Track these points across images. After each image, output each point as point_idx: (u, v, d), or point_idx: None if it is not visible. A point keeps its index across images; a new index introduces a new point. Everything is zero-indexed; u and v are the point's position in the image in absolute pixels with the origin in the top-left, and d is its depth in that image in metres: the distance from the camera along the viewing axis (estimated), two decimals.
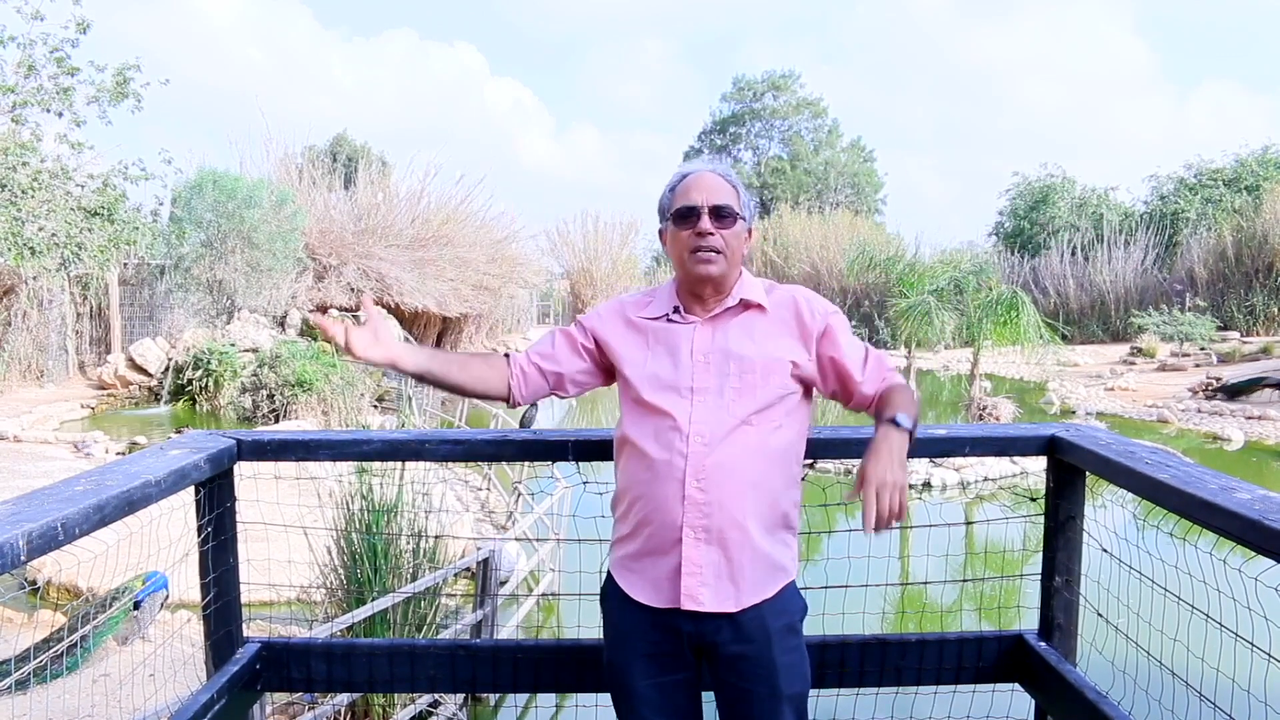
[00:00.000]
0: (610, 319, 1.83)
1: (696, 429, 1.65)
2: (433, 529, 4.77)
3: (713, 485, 1.63)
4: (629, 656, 1.72)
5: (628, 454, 1.74)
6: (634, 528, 1.71)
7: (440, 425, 12.21)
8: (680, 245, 1.73)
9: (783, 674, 1.66)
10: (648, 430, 1.69)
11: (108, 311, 16.45)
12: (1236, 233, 26.18)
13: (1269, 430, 12.96)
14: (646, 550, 1.69)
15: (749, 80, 46.22)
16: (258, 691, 2.08)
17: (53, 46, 11.22)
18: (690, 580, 1.65)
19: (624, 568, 1.74)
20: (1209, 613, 1.62)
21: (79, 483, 1.49)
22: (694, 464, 1.64)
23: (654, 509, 1.67)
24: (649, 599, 1.69)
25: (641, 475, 1.69)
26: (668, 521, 1.65)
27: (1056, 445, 1.95)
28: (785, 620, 1.70)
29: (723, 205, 1.71)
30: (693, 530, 1.64)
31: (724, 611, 1.65)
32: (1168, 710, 1.78)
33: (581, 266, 33.49)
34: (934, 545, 2.44)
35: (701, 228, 1.70)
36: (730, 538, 1.64)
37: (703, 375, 1.69)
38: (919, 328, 11.83)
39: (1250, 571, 1.54)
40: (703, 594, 1.65)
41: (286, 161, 23.21)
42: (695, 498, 1.64)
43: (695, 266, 1.71)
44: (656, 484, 1.66)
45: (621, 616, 1.74)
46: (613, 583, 1.77)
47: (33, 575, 5.82)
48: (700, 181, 1.74)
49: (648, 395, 1.70)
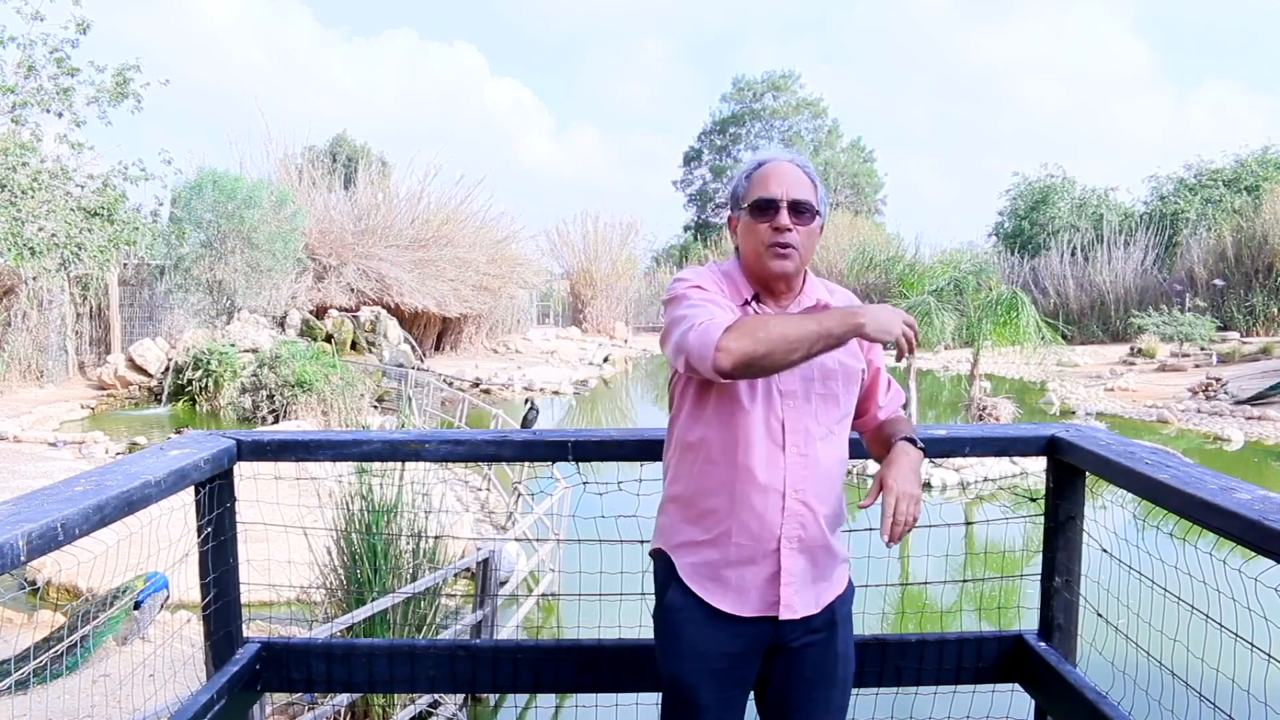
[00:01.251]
0: (715, 292, 1.64)
1: (792, 439, 1.60)
2: (433, 529, 4.77)
3: (811, 497, 1.61)
4: (700, 670, 1.63)
5: (705, 456, 1.63)
6: (716, 535, 1.62)
7: (440, 425, 12.21)
8: (756, 238, 1.64)
9: (840, 660, 1.70)
10: (737, 434, 1.59)
11: (108, 312, 16.45)
12: (1236, 233, 26.19)
13: (1269, 430, 12.96)
14: (734, 559, 1.62)
15: (749, 80, 46.27)
16: (258, 692, 2.08)
17: (53, 47, 11.23)
18: (787, 590, 1.61)
19: (703, 574, 1.64)
20: (1209, 613, 1.62)
21: (79, 483, 1.49)
22: (794, 475, 1.60)
23: (748, 518, 1.59)
24: (734, 608, 1.62)
25: (727, 481, 1.60)
26: (764, 532, 1.60)
27: (1056, 445, 1.95)
28: (846, 609, 1.73)
29: (803, 201, 1.62)
30: (789, 541, 1.60)
31: (809, 615, 1.65)
32: (1168, 710, 1.78)
33: (581, 267, 33.49)
34: (934, 545, 2.43)
35: (780, 223, 1.61)
36: (819, 545, 1.64)
37: (787, 378, 1.60)
38: (919, 328, 11.83)
39: (1250, 571, 1.54)
40: (796, 601, 1.63)
41: (286, 162, 23.22)
42: (794, 509, 1.60)
43: (771, 262, 1.63)
44: (752, 494, 1.59)
45: (696, 627, 1.64)
46: (681, 589, 1.65)
47: (33, 575, 5.82)
48: (780, 172, 1.64)
49: (737, 393, 1.59)
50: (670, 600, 1.67)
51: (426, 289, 21.97)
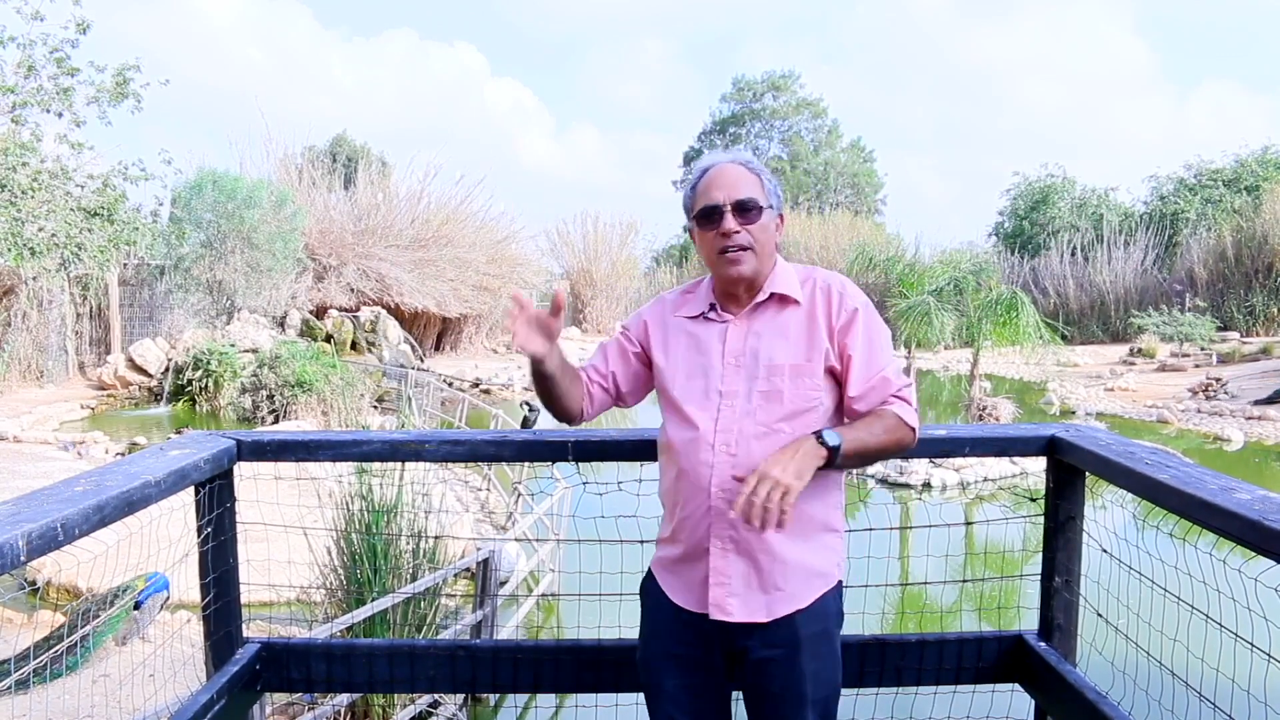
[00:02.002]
0: (653, 321, 1.79)
1: (721, 438, 1.62)
2: (433, 529, 4.77)
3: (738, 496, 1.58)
4: (660, 655, 1.72)
5: (666, 459, 1.73)
6: (671, 531, 1.71)
7: (440, 425, 12.21)
8: (708, 246, 1.67)
9: (810, 680, 1.63)
10: (679, 436, 1.66)
11: (107, 312, 16.45)
12: (1236, 233, 26.19)
13: (1269, 430, 12.96)
14: (681, 555, 1.68)
15: (749, 80, 46.29)
16: (257, 692, 2.08)
17: (52, 47, 11.23)
18: (718, 590, 1.62)
19: (663, 568, 1.74)
20: (1209, 613, 1.62)
21: (79, 483, 1.49)
22: (719, 474, 1.60)
23: (686, 516, 1.66)
24: (683, 602, 1.68)
25: (675, 482, 1.68)
26: (697, 531, 1.64)
27: (1056, 446, 1.95)
28: (819, 626, 1.65)
29: (746, 199, 1.63)
30: (720, 541, 1.62)
31: (754, 621, 1.63)
32: (1167, 710, 1.78)
33: (581, 267, 33.50)
34: (934, 545, 2.43)
35: (726, 227, 1.63)
36: (758, 548, 1.60)
37: (732, 378, 1.64)
38: (919, 328, 11.83)
39: (1250, 571, 1.54)
40: (731, 604, 1.62)
41: (286, 162, 23.23)
42: (721, 508, 1.60)
43: (725, 269, 1.65)
44: (687, 492, 1.65)
45: (657, 614, 1.74)
46: (653, 579, 1.77)
47: (33, 575, 5.82)
48: (721, 176, 1.66)
49: (679, 400, 1.68)
50: (644, 587, 1.80)
51: (426, 289, 21.98)
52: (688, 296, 1.78)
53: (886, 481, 9.84)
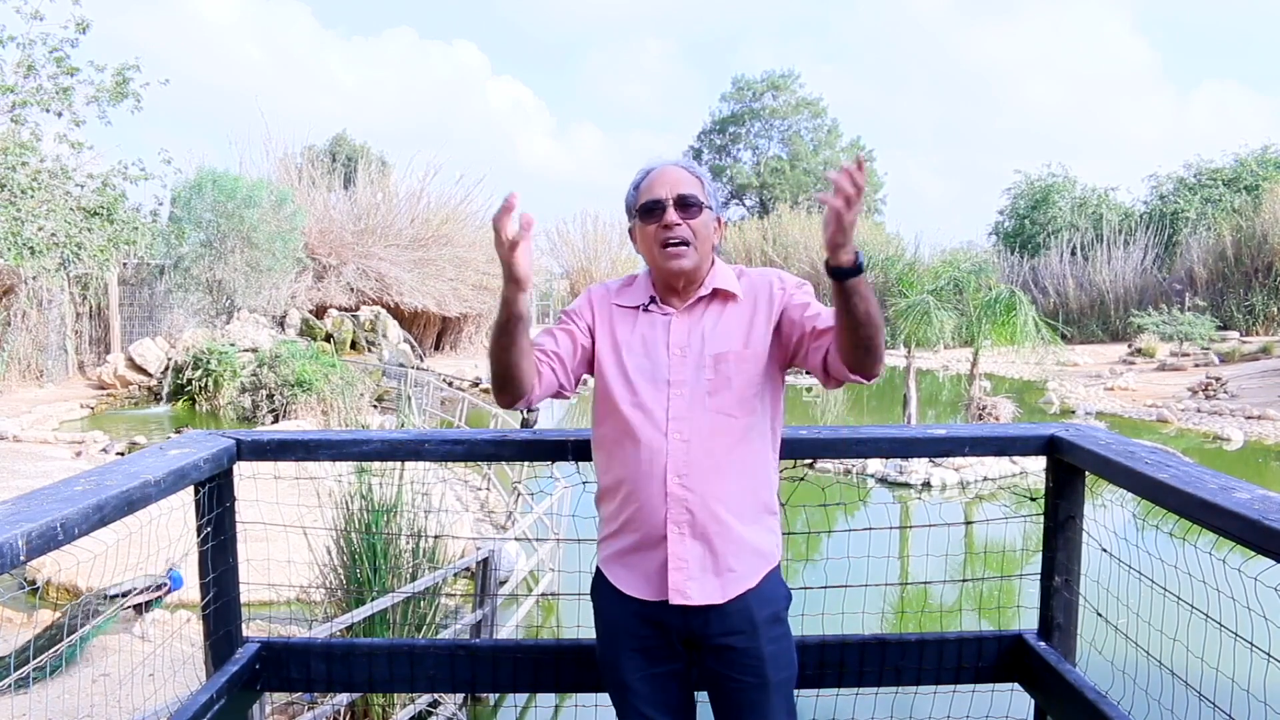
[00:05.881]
0: (598, 306, 1.81)
1: (675, 425, 1.67)
2: (432, 529, 4.77)
3: (695, 481, 1.65)
4: (620, 650, 1.74)
5: (609, 450, 1.74)
6: (621, 524, 1.72)
7: (440, 425, 12.21)
8: (649, 240, 1.73)
9: (770, 663, 1.69)
10: (627, 425, 1.69)
11: (107, 311, 16.45)
12: (1236, 233, 26.20)
13: (1269, 430, 12.96)
14: (634, 546, 1.71)
15: (749, 80, 46.20)
16: (257, 691, 2.08)
17: (52, 46, 11.22)
18: (677, 575, 1.66)
19: (613, 562, 1.76)
20: (1209, 613, 1.62)
21: (79, 483, 1.49)
22: (675, 460, 1.66)
23: (639, 505, 1.68)
24: (638, 592, 1.71)
25: (623, 472, 1.70)
26: (653, 518, 1.67)
27: (1056, 445, 1.95)
28: (771, 610, 1.71)
29: (687, 195, 1.71)
30: (677, 525, 1.66)
31: (711, 604, 1.67)
32: (1167, 710, 1.78)
33: (581, 266, 33.50)
34: (934, 545, 2.43)
35: (668, 220, 1.70)
36: (713, 531, 1.66)
37: (679, 368, 1.70)
38: (918, 328, 11.82)
39: (1250, 571, 1.54)
40: (690, 588, 1.66)
41: (286, 161, 23.23)
42: (677, 494, 1.65)
43: (666, 261, 1.70)
44: (640, 480, 1.67)
45: (611, 611, 1.76)
46: (602, 577, 1.79)
47: (32, 575, 5.82)
48: (663, 176, 1.74)
49: (626, 389, 1.71)
50: (594, 588, 1.82)
51: (426, 288, 21.99)
52: (627, 289, 1.82)
53: (886, 481, 9.84)
